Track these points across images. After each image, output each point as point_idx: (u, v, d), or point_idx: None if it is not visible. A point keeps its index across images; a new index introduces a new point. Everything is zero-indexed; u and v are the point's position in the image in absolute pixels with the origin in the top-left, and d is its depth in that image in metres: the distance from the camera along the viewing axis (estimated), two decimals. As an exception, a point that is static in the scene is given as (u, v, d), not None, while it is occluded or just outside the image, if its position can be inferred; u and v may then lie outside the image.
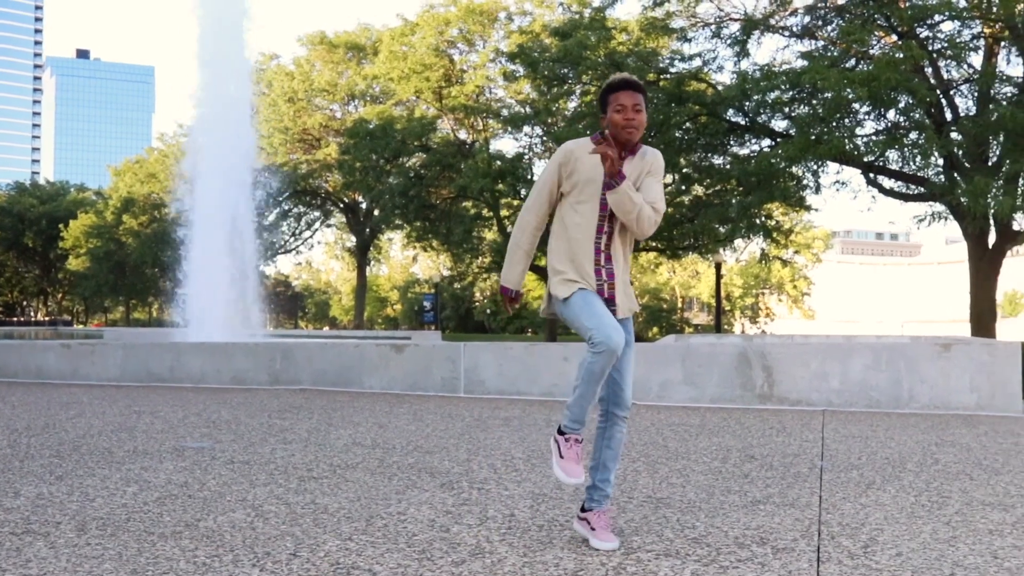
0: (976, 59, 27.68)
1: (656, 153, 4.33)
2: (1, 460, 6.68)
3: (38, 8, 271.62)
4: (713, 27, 30.89)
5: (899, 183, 29.83)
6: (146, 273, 75.74)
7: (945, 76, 27.76)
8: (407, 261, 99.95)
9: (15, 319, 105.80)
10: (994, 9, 25.45)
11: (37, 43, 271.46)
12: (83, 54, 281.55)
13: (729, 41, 30.35)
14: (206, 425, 8.73)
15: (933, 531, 4.62)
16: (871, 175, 29.72)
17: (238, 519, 4.79)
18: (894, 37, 27.53)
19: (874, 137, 27.62)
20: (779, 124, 30.27)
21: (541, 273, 39.59)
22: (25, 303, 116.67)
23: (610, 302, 4.26)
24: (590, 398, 4.12)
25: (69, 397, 11.59)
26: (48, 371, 14.61)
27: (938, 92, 26.85)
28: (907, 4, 26.02)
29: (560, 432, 4.22)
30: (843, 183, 30.54)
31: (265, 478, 5.99)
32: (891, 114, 27.49)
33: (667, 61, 32.58)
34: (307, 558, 4.03)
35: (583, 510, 4.41)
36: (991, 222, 26.82)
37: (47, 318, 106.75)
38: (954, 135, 26.19)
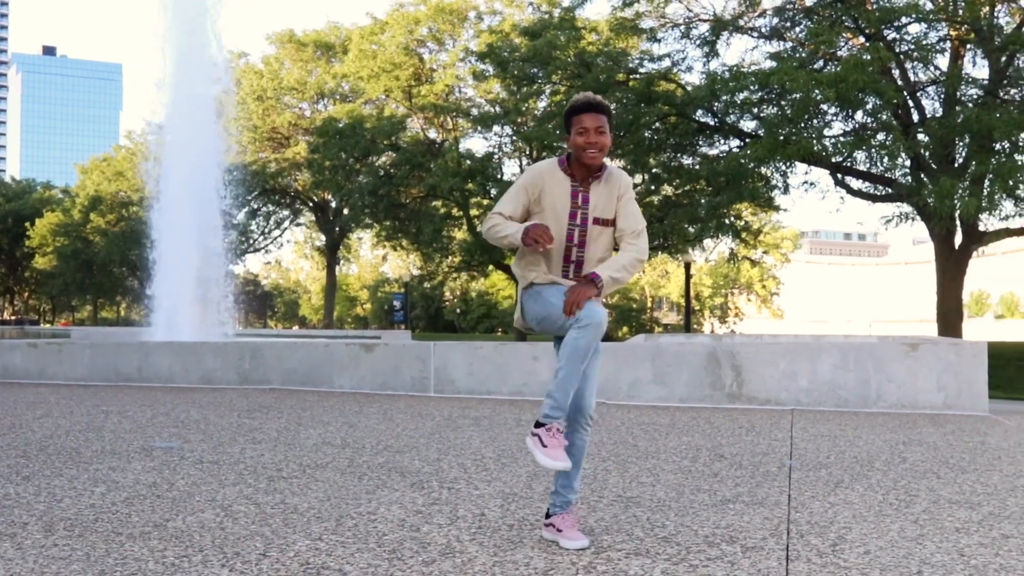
0: (942, 61, 27.99)
1: (621, 174, 4.31)
2: (-34, 461, 6.62)
3: (3, 4, 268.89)
4: (682, 28, 31.05)
5: (867, 184, 30.07)
6: (114, 272, 75.18)
7: (912, 78, 28.01)
8: (377, 260, 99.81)
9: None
10: (960, 12, 25.71)
11: (2, 39, 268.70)
12: (49, 51, 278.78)
13: (698, 42, 30.51)
14: (175, 425, 8.67)
15: (901, 529, 4.65)
16: (839, 176, 29.94)
17: (207, 519, 4.76)
18: (862, 39, 27.74)
19: (842, 138, 27.82)
20: (748, 125, 30.45)
21: (512, 274, 39.62)
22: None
23: None
24: (574, 380, 4.04)
25: (36, 397, 11.49)
26: (14, 371, 14.47)
27: (905, 94, 27.07)
28: (874, 6, 26.23)
29: (539, 424, 4.10)
30: (811, 184, 30.75)
31: (234, 478, 5.96)
32: (859, 115, 27.72)
33: (636, 61, 32.72)
34: (277, 558, 4.01)
35: (547, 516, 4.41)
36: (957, 223, 27.09)
37: (13, 317, 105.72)
38: (921, 136, 26.43)
